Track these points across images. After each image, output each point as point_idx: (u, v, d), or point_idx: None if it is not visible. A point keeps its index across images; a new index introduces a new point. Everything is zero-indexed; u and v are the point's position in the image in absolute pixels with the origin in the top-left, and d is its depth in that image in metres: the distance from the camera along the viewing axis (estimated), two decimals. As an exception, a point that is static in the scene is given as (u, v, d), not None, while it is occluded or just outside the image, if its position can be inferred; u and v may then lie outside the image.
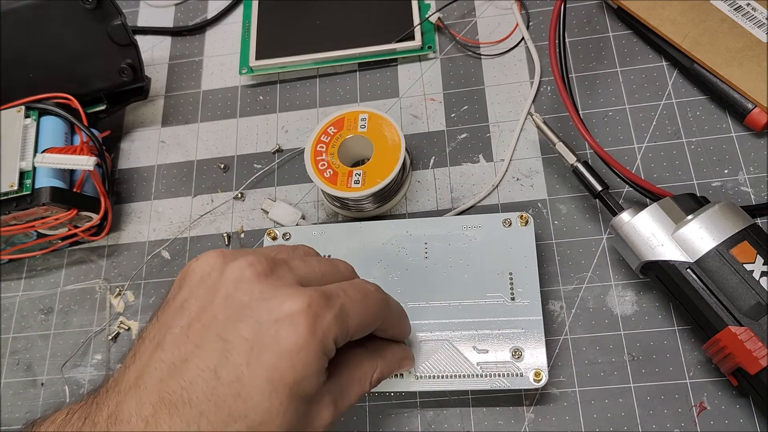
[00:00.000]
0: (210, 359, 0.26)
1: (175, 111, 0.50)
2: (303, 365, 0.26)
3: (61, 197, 0.42)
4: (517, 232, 0.38)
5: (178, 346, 0.26)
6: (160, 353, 0.26)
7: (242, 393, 0.25)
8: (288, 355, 0.25)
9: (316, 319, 0.26)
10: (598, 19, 0.46)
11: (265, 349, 0.25)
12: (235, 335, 0.26)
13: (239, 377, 0.25)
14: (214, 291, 0.27)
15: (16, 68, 0.45)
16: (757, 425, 0.34)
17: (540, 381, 0.34)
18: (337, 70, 0.48)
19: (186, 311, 0.27)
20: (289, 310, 0.26)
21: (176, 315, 0.28)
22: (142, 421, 0.25)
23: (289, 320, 0.26)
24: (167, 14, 0.53)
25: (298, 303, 0.26)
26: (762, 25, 0.41)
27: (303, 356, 0.26)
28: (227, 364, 0.25)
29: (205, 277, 0.28)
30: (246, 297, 0.27)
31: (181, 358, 0.26)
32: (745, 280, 0.32)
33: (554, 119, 0.43)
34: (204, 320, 0.27)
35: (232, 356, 0.25)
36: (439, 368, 0.36)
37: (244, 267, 0.27)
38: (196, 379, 0.25)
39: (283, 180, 0.45)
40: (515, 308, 0.36)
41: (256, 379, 0.25)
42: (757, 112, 0.40)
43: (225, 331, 0.26)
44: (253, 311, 0.26)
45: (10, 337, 0.44)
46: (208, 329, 0.26)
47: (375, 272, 0.39)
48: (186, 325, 0.27)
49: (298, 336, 0.26)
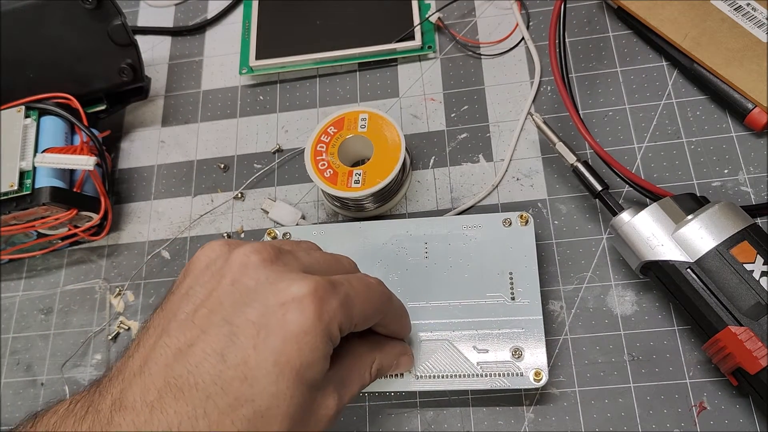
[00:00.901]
0: (216, 343, 0.25)
1: (175, 111, 0.50)
2: (310, 349, 0.26)
3: (61, 197, 0.42)
4: (517, 231, 0.38)
5: (183, 332, 0.26)
6: (166, 339, 0.26)
7: (249, 376, 0.25)
8: (295, 338, 0.25)
9: (323, 304, 0.26)
10: (598, 19, 0.46)
11: (272, 332, 0.25)
12: (241, 319, 0.26)
13: (246, 360, 0.25)
14: (219, 276, 0.27)
15: (16, 68, 0.45)
16: (757, 425, 0.34)
17: (540, 381, 0.34)
18: (337, 70, 0.48)
19: (191, 298, 0.27)
20: (296, 294, 0.26)
21: (181, 302, 0.28)
22: (147, 406, 0.25)
23: (297, 304, 0.26)
24: (167, 14, 0.53)
25: (305, 287, 0.26)
26: (762, 25, 0.41)
27: (310, 340, 0.26)
28: (234, 347, 0.25)
29: (210, 264, 0.28)
30: (252, 281, 0.27)
31: (187, 343, 0.26)
32: (745, 280, 0.32)
33: (554, 119, 0.43)
34: (210, 305, 0.27)
35: (238, 339, 0.25)
36: (439, 368, 0.36)
37: (249, 253, 0.27)
38: (203, 362, 0.25)
39: (283, 180, 0.45)
40: (515, 308, 0.36)
41: (263, 362, 0.25)
42: (757, 112, 0.40)
43: (231, 315, 0.26)
44: (260, 295, 0.26)
45: (10, 337, 0.44)
46: (214, 314, 0.26)
47: (375, 272, 0.38)
48: (191, 311, 0.27)
49: (306, 319, 0.26)
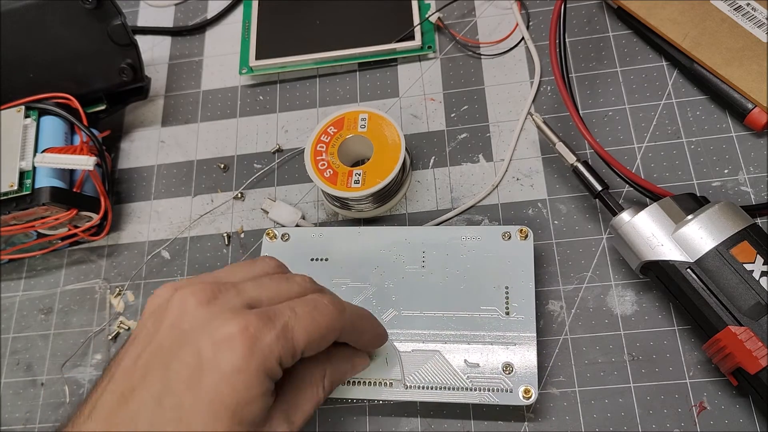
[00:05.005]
0: (154, 387, 0.26)
1: (175, 111, 0.50)
2: (245, 387, 0.26)
3: (61, 197, 0.42)
4: (515, 245, 0.38)
5: (127, 377, 0.27)
6: (112, 385, 0.27)
7: (184, 419, 0.25)
8: (227, 377, 0.26)
9: (255, 341, 0.26)
10: (598, 19, 0.46)
11: (206, 373, 0.26)
12: (177, 362, 0.26)
13: (180, 404, 0.25)
14: (161, 321, 0.28)
15: (16, 68, 0.45)
16: (757, 425, 0.34)
17: (530, 398, 0.34)
18: (337, 70, 0.48)
19: (137, 343, 0.28)
20: (226, 333, 0.26)
21: (129, 348, 0.28)
22: None
23: (227, 343, 0.26)
24: (167, 14, 0.53)
25: (236, 325, 0.26)
26: (762, 25, 0.41)
27: (243, 378, 0.26)
28: (169, 390, 0.26)
29: (155, 309, 0.29)
30: (187, 324, 0.27)
31: (129, 389, 0.27)
32: (745, 280, 0.32)
33: (554, 119, 0.43)
34: (151, 350, 0.27)
35: (173, 383, 0.26)
36: (429, 379, 0.35)
37: (187, 295, 0.28)
38: (141, 408, 0.26)
39: (283, 180, 0.45)
40: (509, 323, 0.36)
41: (198, 404, 0.25)
42: (757, 112, 0.40)
43: (169, 358, 0.26)
44: (194, 337, 0.27)
45: (10, 337, 0.44)
46: (154, 358, 0.27)
47: (372, 278, 0.38)
48: (135, 357, 0.28)
49: (236, 358, 0.26)
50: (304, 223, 0.43)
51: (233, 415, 0.25)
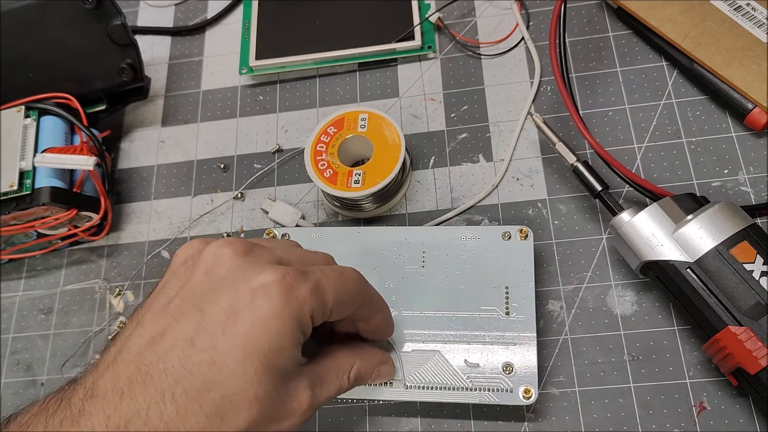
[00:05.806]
0: (187, 329, 0.26)
1: (175, 111, 0.50)
2: (278, 334, 0.26)
3: (61, 197, 0.42)
4: (516, 246, 0.38)
5: (157, 321, 0.27)
6: (140, 329, 0.27)
7: (217, 360, 0.25)
8: (262, 323, 0.26)
9: (290, 290, 0.27)
10: (598, 19, 0.46)
11: (240, 317, 0.26)
12: (212, 305, 0.26)
13: (214, 345, 0.25)
14: (194, 269, 0.28)
15: (16, 68, 0.45)
16: (757, 425, 0.34)
17: (530, 398, 0.34)
18: (336, 70, 0.48)
19: (167, 291, 0.28)
20: (264, 281, 0.27)
21: (158, 295, 0.28)
22: (117, 392, 0.25)
23: (264, 290, 0.26)
24: (167, 14, 0.53)
25: (273, 274, 0.27)
26: (762, 25, 0.41)
27: (277, 325, 0.26)
28: (203, 332, 0.26)
29: (187, 259, 0.29)
30: (223, 270, 0.28)
31: (160, 332, 0.26)
32: (745, 280, 0.32)
33: (554, 119, 0.43)
34: (183, 295, 0.27)
35: (208, 325, 0.26)
36: (429, 379, 0.35)
37: (223, 245, 0.28)
38: (173, 348, 0.26)
39: (283, 180, 0.45)
40: (509, 323, 0.36)
41: (231, 347, 0.25)
42: (757, 112, 0.40)
43: (202, 302, 0.27)
44: (230, 282, 0.27)
45: (10, 337, 0.44)
46: (186, 302, 0.27)
47: (372, 278, 0.38)
48: (166, 302, 0.28)
49: (272, 304, 0.26)
50: (304, 223, 0.43)
51: (265, 360, 0.26)
